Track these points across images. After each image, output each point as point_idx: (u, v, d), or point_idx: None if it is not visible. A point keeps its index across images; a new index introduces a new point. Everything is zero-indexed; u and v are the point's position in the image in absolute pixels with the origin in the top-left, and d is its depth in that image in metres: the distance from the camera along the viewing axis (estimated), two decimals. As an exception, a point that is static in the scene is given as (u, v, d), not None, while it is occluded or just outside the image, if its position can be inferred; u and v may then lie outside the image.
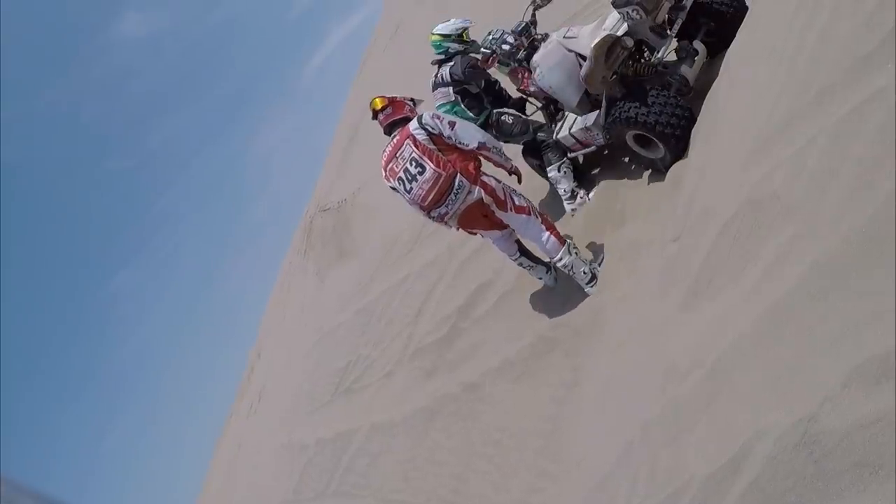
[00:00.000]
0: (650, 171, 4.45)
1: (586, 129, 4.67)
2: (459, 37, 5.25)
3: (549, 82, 4.64)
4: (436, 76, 5.32)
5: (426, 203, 4.21)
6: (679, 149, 4.10)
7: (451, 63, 5.18)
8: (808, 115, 2.70)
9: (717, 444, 2.26)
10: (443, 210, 4.21)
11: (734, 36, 4.50)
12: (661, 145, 4.15)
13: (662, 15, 4.28)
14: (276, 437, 11.16)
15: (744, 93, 3.58)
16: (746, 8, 4.44)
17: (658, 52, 4.30)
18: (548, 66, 4.62)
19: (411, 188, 4.21)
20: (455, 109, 5.20)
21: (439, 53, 5.27)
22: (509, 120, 5.22)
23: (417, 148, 4.18)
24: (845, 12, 2.75)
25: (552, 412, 4.03)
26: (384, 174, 4.37)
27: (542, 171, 5.40)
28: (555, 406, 4.04)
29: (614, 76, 4.29)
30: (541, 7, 5.06)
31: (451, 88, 5.22)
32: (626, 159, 4.76)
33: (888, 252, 1.98)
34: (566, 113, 4.99)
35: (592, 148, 4.87)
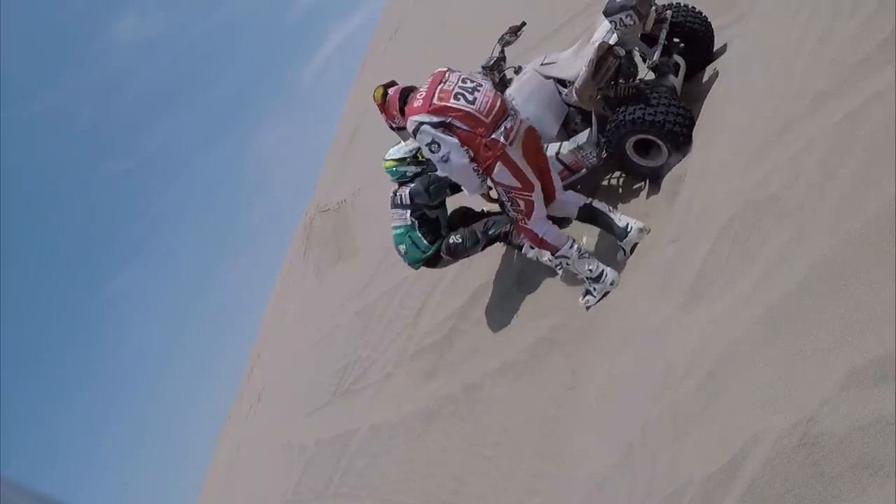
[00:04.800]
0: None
1: (578, 148, 4.46)
2: (415, 157, 5.00)
3: (525, 113, 4.42)
4: (395, 194, 5.05)
5: (495, 111, 3.88)
6: (685, 148, 4.08)
7: (412, 185, 4.93)
8: (806, 118, 2.70)
9: (715, 445, 2.26)
10: (509, 123, 3.90)
11: (706, 57, 4.60)
12: (665, 147, 4.11)
13: (650, 23, 4.26)
14: (275, 438, 11.16)
15: (743, 95, 3.59)
16: (713, 31, 4.58)
17: (649, 59, 4.27)
18: (524, 96, 4.46)
19: (475, 98, 3.89)
20: (410, 235, 4.96)
21: (397, 179, 5.04)
22: (458, 239, 4.90)
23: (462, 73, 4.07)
24: (844, 15, 2.75)
25: (552, 413, 4.03)
26: (431, 104, 3.88)
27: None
28: (554, 407, 4.04)
29: (600, 93, 4.23)
30: (510, 43, 4.95)
31: (408, 212, 4.94)
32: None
33: (887, 254, 1.99)
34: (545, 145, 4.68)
35: (582, 173, 4.61)
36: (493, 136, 3.86)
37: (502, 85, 4.77)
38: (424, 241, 4.93)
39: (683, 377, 2.68)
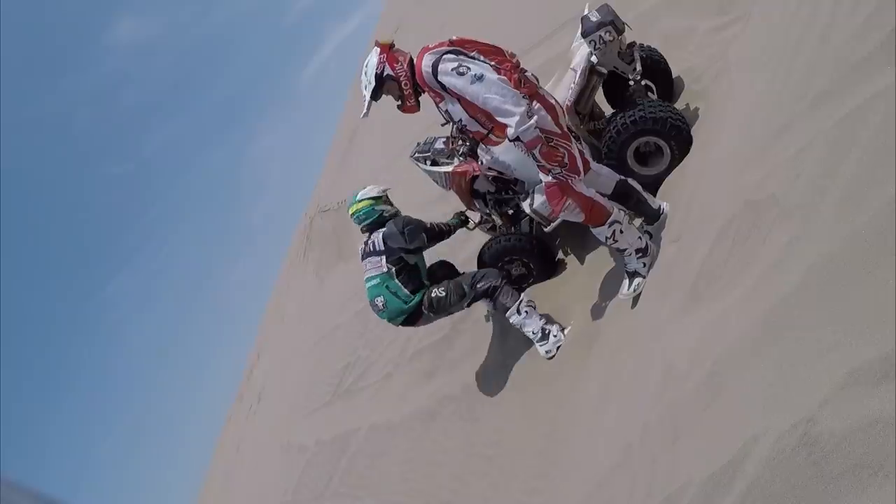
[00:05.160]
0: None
1: None
2: (387, 199, 4.70)
3: (506, 159, 4.12)
4: (366, 244, 4.64)
5: (516, 57, 3.65)
6: (687, 146, 4.06)
7: (384, 228, 4.52)
8: (806, 118, 2.70)
9: (715, 445, 2.26)
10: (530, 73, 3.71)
11: (668, 89, 4.66)
12: (668, 147, 4.10)
13: (625, 42, 4.25)
14: (275, 438, 11.17)
15: (743, 96, 3.59)
16: (669, 66, 4.60)
17: (630, 73, 4.26)
18: (501, 149, 4.06)
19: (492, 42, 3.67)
20: (388, 285, 4.50)
21: (371, 222, 4.63)
22: (441, 293, 4.45)
23: None
24: (844, 15, 2.75)
25: (552, 413, 4.03)
26: (451, 41, 3.58)
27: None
28: (554, 408, 4.04)
29: (584, 119, 4.22)
30: None
31: (384, 258, 4.50)
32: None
33: (887, 254, 1.99)
34: (524, 194, 4.28)
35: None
36: (525, 73, 3.57)
37: (473, 141, 4.33)
38: (405, 290, 4.49)
39: (684, 377, 2.68)
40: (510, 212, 4.82)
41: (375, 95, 3.78)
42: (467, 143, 4.31)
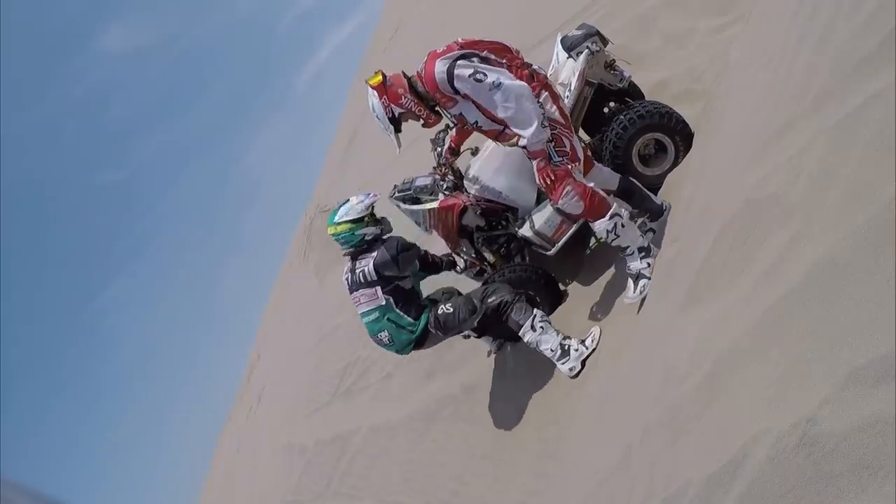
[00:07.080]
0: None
1: (557, 211, 3.97)
2: (372, 216, 4.29)
3: (498, 187, 4.19)
4: (352, 272, 4.24)
5: (521, 53, 3.70)
6: (692, 137, 4.09)
7: (374, 254, 4.14)
8: (806, 118, 2.70)
9: (715, 446, 2.26)
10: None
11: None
12: (672, 144, 4.13)
13: (609, 57, 4.29)
14: (275, 439, 11.18)
15: (742, 96, 3.59)
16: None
17: (620, 82, 4.31)
18: (492, 171, 4.23)
19: (500, 40, 3.73)
20: (388, 317, 4.14)
21: (353, 246, 4.26)
22: (449, 309, 4.12)
23: None
24: (845, 14, 2.75)
25: (551, 414, 4.04)
26: (460, 43, 3.57)
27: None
28: (554, 408, 4.04)
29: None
30: (442, 142, 4.61)
31: (378, 289, 4.14)
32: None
33: (887, 254, 1.98)
34: (520, 221, 4.32)
35: (569, 235, 4.14)
36: (533, 67, 3.60)
37: (457, 176, 4.45)
38: (408, 318, 4.15)
39: (683, 378, 2.67)
40: (502, 250, 4.59)
41: (398, 130, 3.77)
42: (451, 178, 4.40)
